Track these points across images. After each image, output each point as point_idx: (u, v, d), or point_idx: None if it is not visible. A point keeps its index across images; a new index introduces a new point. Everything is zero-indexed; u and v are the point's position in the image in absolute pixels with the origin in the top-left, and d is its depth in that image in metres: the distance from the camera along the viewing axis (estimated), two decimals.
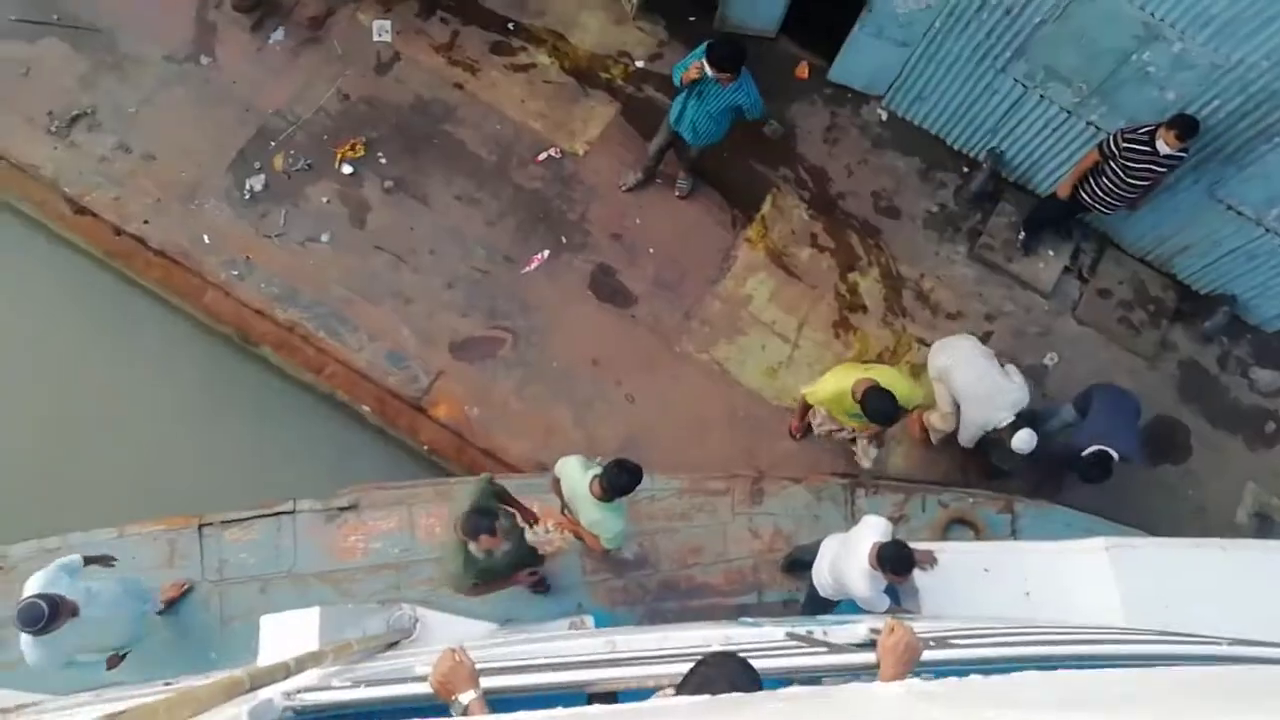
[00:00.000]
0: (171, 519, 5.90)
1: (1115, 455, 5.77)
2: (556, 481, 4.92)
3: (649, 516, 6.04)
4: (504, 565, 4.76)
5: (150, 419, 6.73)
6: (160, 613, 5.49)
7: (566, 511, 5.00)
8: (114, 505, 6.06)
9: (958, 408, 6.17)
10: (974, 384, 5.95)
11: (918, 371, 7.01)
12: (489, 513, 4.42)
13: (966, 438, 6.13)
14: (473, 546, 4.42)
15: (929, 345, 7.02)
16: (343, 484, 6.13)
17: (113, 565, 5.05)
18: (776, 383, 6.88)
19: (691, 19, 7.64)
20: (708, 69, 5.61)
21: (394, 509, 5.99)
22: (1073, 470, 5.98)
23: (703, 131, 6.20)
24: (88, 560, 4.77)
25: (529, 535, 4.82)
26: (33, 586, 4.41)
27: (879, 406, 5.14)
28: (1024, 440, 5.76)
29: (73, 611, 4.35)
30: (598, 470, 4.65)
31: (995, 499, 6.32)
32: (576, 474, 4.76)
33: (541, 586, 5.52)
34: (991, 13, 6.33)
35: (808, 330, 7.03)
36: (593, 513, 4.67)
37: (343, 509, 5.96)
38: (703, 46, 5.76)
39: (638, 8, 7.44)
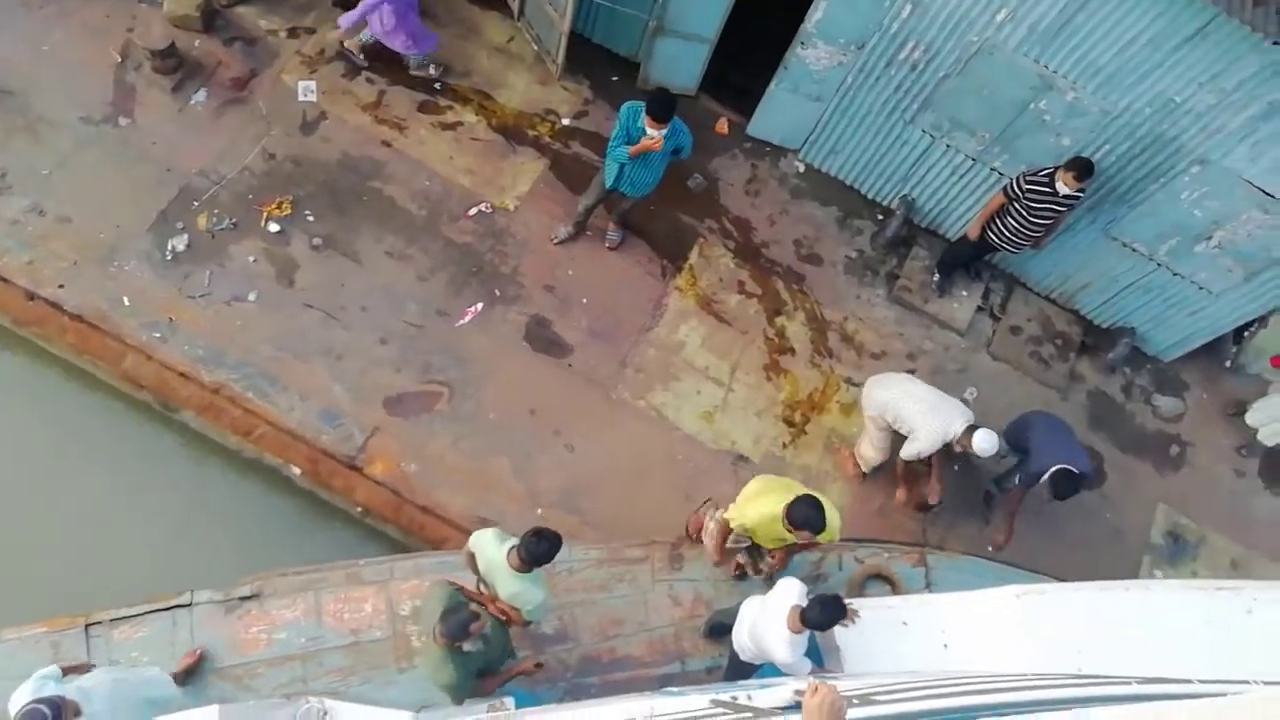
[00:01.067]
0: (55, 619, 5.37)
1: (1076, 470, 6.06)
2: (471, 556, 4.86)
3: (567, 589, 5.90)
4: (498, 651, 4.75)
5: (46, 499, 6.37)
6: (181, 685, 5.16)
7: (482, 586, 4.94)
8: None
9: (892, 436, 6.39)
10: (926, 400, 6.20)
11: (849, 410, 7.25)
12: (464, 607, 4.42)
13: (912, 452, 6.31)
14: (467, 644, 4.41)
15: (857, 385, 7.30)
16: (263, 564, 5.86)
17: (91, 669, 4.72)
18: (713, 426, 6.98)
19: (614, 79, 7.90)
20: (649, 127, 5.83)
21: (299, 595, 5.63)
22: (1047, 491, 6.20)
23: (641, 182, 6.39)
24: (65, 670, 4.48)
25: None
26: (21, 698, 4.10)
27: (811, 514, 4.86)
28: (985, 439, 5.98)
29: (75, 712, 4.07)
30: (514, 542, 4.62)
31: (909, 552, 6.38)
32: (492, 547, 4.71)
33: (540, 670, 5.33)
34: (899, 68, 6.74)
35: (740, 374, 7.19)
36: (512, 585, 4.61)
37: (244, 598, 5.55)
38: (627, 114, 6.05)
39: (562, 69, 7.65)
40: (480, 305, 6.95)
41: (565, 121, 7.69)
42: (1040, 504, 6.72)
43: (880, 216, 7.98)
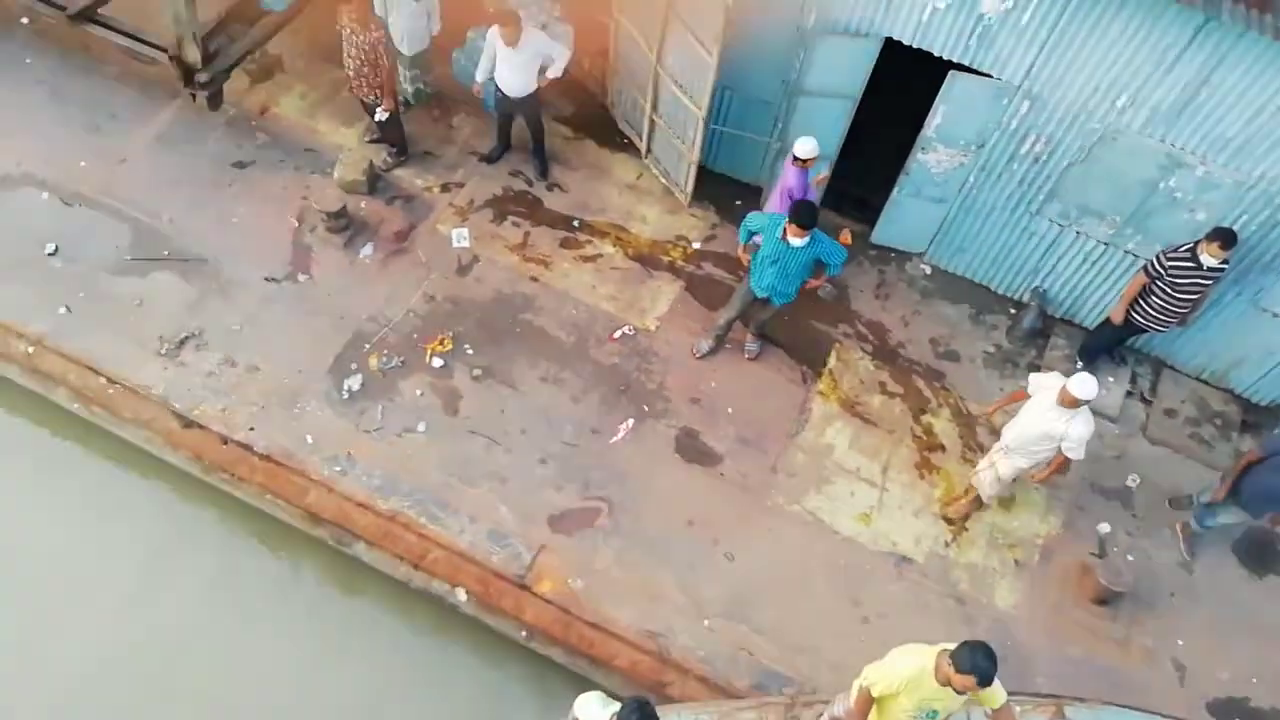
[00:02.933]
0: None
1: None
2: None
3: None
4: None
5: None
6: None
7: None
8: None
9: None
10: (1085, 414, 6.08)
11: (1008, 504, 7.12)
12: None
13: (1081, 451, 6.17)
14: None
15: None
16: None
17: None
18: (872, 528, 6.94)
19: (738, 203, 8.34)
20: (792, 236, 6.17)
21: None
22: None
23: (782, 291, 6.67)
24: None
25: None
26: None
27: (980, 660, 4.39)
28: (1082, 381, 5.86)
29: None
30: (615, 708, 4.55)
31: (1043, 704, 5.85)
32: (596, 712, 4.67)
33: None
34: (1021, 162, 6.97)
35: (892, 473, 7.17)
36: None
37: None
38: (754, 223, 6.51)
39: (690, 197, 8.15)
40: (631, 421, 7.21)
41: (696, 245, 8.12)
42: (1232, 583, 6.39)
43: (1013, 310, 8.03)
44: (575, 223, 8.14)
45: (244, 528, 7.19)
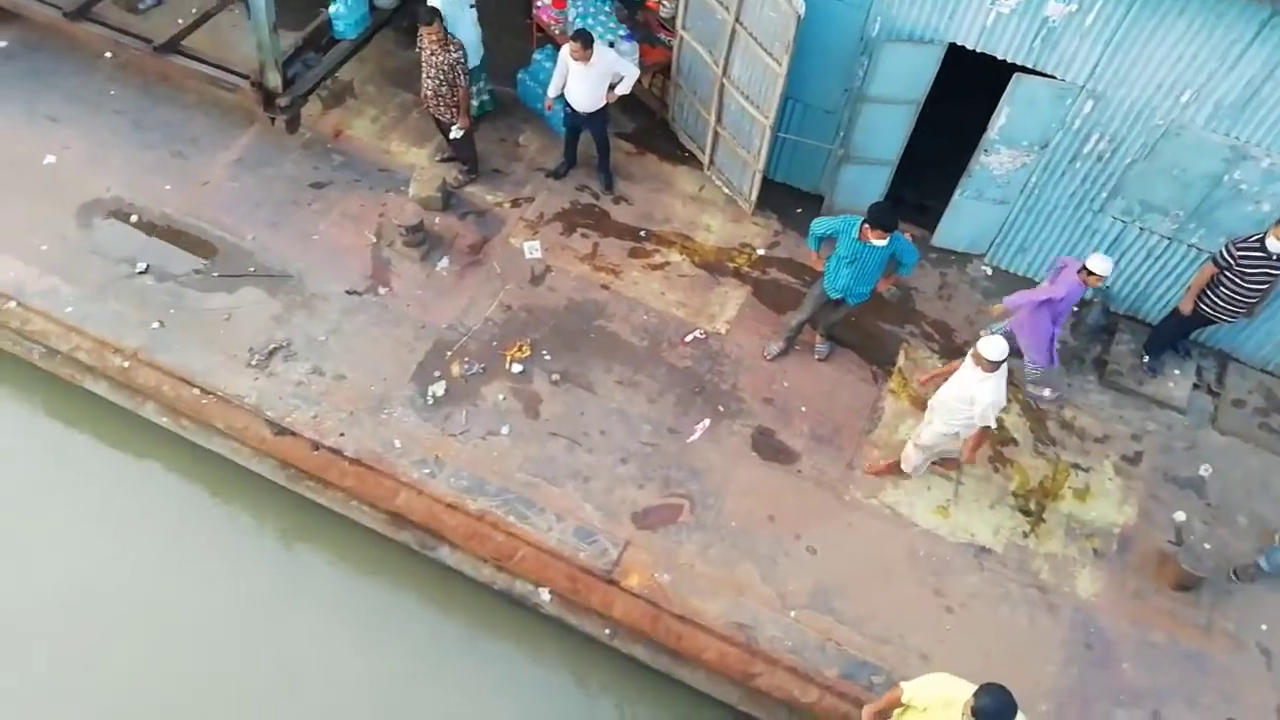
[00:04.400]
0: None
1: None
2: None
3: None
4: None
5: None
6: None
7: None
8: None
9: None
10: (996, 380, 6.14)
11: (1083, 495, 7.22)
12: None
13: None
14: None
15: (1085, 470, 7.32)
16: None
17: None
18: (950, 520, 7.04)
19: (799, 210, 8.55)
20: (871, 236, 6.37)
21: None
22: None
23: (856, 291, 6.85)
24: None
25: None
26: None
27: (1000, 708, 4.50)
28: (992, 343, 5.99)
29: None
30: None
31: None
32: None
33: None
34: (1084, 161, 7.15)
35: (966, 467, 7.28)
36: None
37: None
38: (823, 227, 6.76)
39: (754, 206, 8.37)
40: (707, 421, 7.37)
41: (760, 252, 8.33)
42: None
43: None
44: (642, 233, 8.38)
45: (323, 541, 7.41)
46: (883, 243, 6.47)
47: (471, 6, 8.08)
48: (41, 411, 7.86)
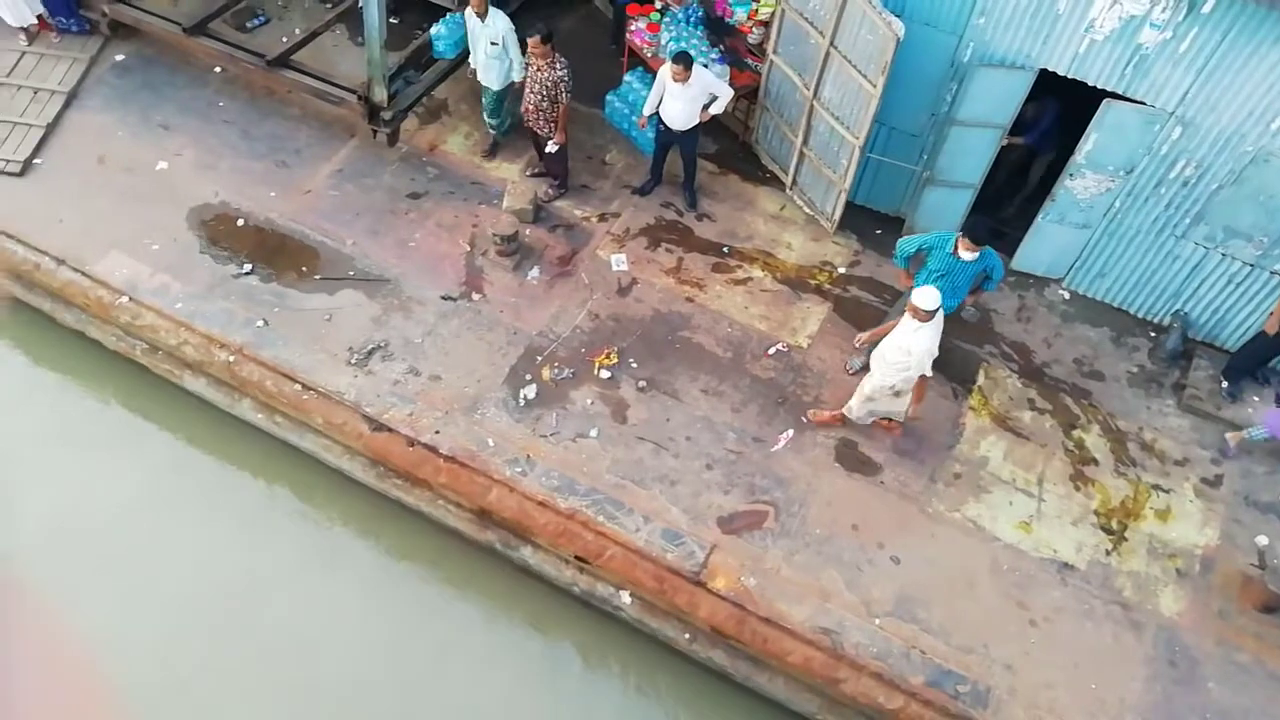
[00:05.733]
0: None
1: None
2: None
3: None
4: None
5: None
6: None
7: None
8: None
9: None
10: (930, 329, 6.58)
11: (1165, 516, 7.27)
12: None
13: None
14: None
15: (1166, 491, 7.37)
16: None
17: None
18: (1032, 535, 7.12)
19: (878, 231, 8.76)
20: (964, 250, 6.56)
21: None
22: None
23: (945, 305, 6.99)
24: None
25: None
26: None
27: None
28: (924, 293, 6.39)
29: None
30: None
31: None
32: None
33: None
34: (1169, 187, 7.30)
35: (1048, 484, 7.37)
36: None
37: None
38: (912, 245, 6.96)
39: (835, 226, 8.59)
40: (791, 431, 7.53)
41: (841, 270, 8.53)
42: None
43: (1153, 333, 8.27)
44: (725, 249, 8.61)
45: (405, 548, 7.72)
46: (974, 256, 6.65)
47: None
48: (120, 405, 8.29)
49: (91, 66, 9.43)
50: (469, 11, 8.14)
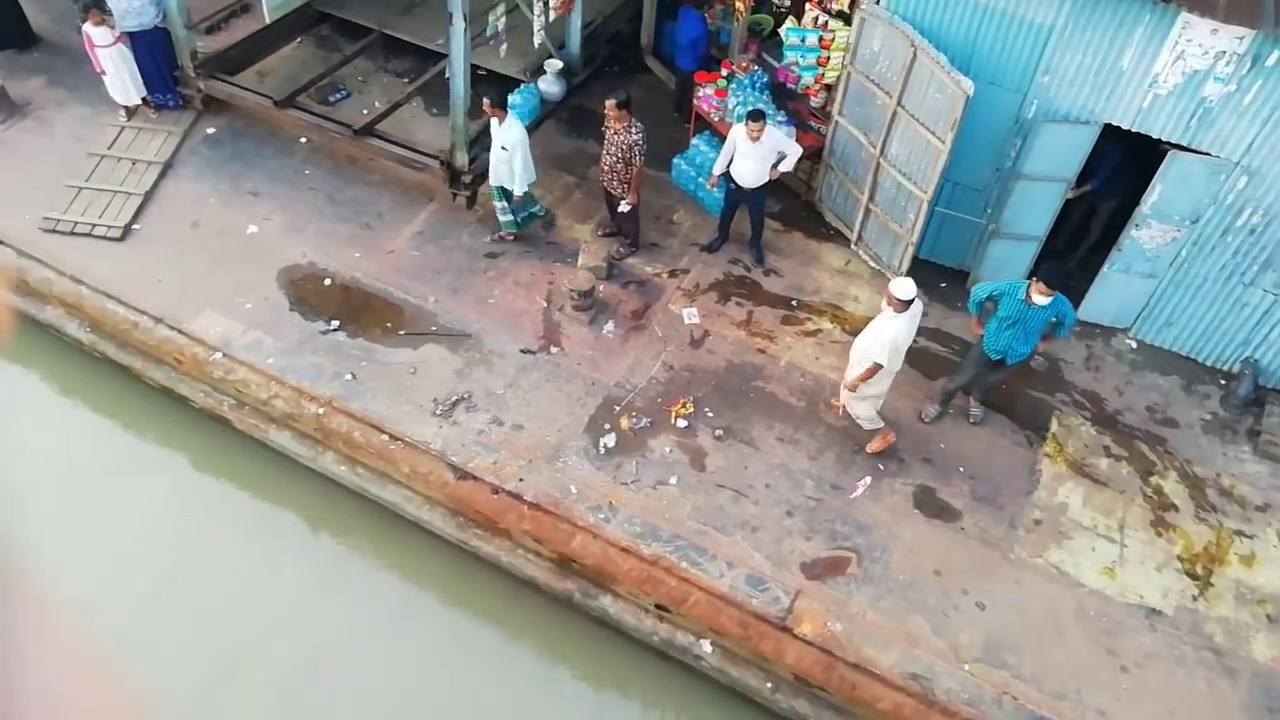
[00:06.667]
0: None
1: None
2: None
3: None
4: None
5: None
6: None
7: None
8: None
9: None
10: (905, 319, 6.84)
11: (1249, 561, 7.22)
12: None
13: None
14: None
15: (1249, 537, 7.34)
16: None
17: None
18: (1117, 581, 7.10)
19: (943, 284, 8.96)
20: (1036, 294, 6.73)
21: None
22: None
23: (1017, 350, 7.16)
24: None
25: None
26: None
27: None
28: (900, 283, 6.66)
29: None
30: None
31: None
32: None
33: None
34: (1236, 235, 7.46)
35: (1129, 530, 7.38)
36: None
37: None
38: (984, 292, 7.13)
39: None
40: (869, 479, 7.62)
41: None
42: None
43: (1223, 380, 8.33)
44: (793, 302, 8.84)
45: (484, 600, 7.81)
46: (1046, 301, 6.81)
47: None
48: (190, 465, 8.50)
49: (185, 139, 9.99)
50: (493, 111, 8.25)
